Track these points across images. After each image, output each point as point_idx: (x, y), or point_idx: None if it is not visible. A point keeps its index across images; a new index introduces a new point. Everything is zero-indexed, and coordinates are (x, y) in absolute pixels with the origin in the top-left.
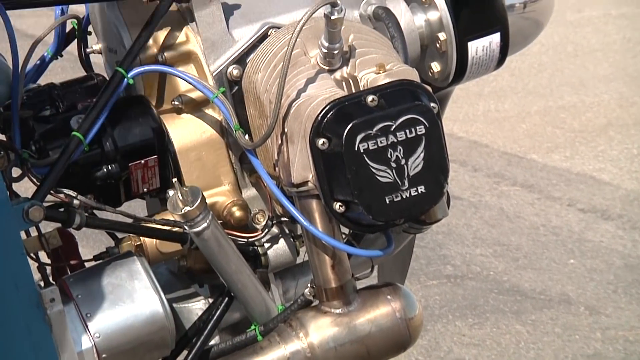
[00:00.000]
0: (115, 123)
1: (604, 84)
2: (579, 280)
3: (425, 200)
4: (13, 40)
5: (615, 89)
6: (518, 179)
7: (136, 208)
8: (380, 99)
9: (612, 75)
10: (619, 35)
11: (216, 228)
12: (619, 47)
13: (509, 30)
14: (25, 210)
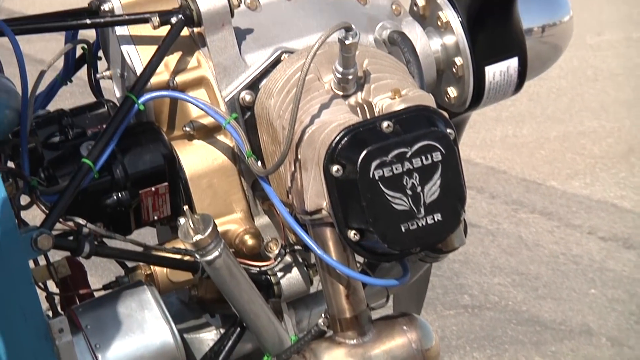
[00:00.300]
0: (125, 150)
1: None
2: (601, 311)
3: (441, 229)
4: (22, 65)
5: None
6: (537, 206)
7: (146, 236)
8: (396, 125)
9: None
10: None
11: (228, 257)
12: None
13: (527, 54)
14: (33, 238)
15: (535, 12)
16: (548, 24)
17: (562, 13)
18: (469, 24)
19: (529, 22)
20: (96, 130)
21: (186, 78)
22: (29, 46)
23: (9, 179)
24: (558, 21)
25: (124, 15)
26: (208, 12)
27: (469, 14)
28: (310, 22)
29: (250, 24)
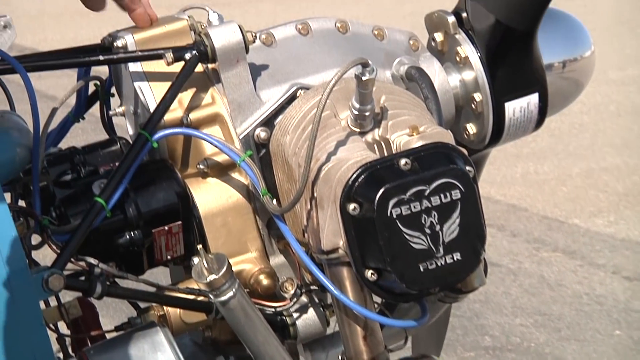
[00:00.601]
0: (138, 188)
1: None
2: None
3: (461, 268)
4: (34, 102)
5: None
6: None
7: (159, 276)
8: (414, 162)
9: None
10: None
11: (243, 297)
12: None
13: (548, 90)
14: (44, 279)
15: (555, 47)
16: (569, 59)
17: (584, 48)
18: (488, 60)
19: (549, 58)
20: (109, 168)
21: (200, 115)
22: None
23: (20, 217)
24: (579, 56)
25: (137, 51)
26: (223, 48)
27: (488, 49)
28: (326, 57)
29: (266, 59)
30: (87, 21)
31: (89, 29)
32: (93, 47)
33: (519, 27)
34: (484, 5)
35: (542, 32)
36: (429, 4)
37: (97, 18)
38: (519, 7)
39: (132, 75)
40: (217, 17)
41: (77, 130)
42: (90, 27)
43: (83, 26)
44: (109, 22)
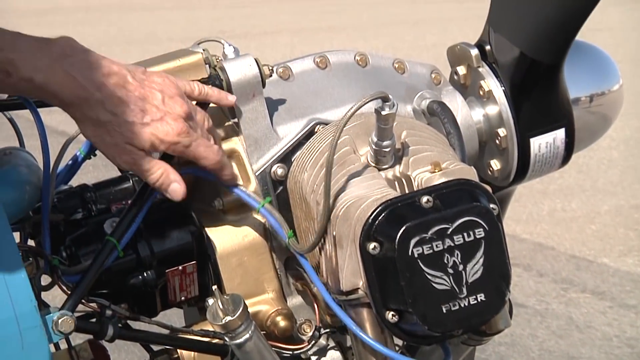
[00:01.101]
0: (151, 227)
1: None
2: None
3: (485, 310)
4: (44, 138)
5: None
6: (588, 285)
7: (172, 318)
8: (436, 199)
9: None
10: None
11: (259, 339)
12: None
13: (575, 125)
14: (54, 321)
15: (582, 80)
16: (596, 93)
17: (611, 81)
18: (513, 94)
19: (576, 92)
20: (121, 206)
21: None
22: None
23: (29, 257)
24: (607, 90)
25: None
26: (238, 82)
27: (512, 82)
28: (345, 91)
29: (283, 94)
30: None
31: None
32: None
33: (544, 60)
34: (508, 38)
35: (568, 65)
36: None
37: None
38: (545, 40)
39: None
40: (233, 50)
41: (87, 166)
42: None
43: None
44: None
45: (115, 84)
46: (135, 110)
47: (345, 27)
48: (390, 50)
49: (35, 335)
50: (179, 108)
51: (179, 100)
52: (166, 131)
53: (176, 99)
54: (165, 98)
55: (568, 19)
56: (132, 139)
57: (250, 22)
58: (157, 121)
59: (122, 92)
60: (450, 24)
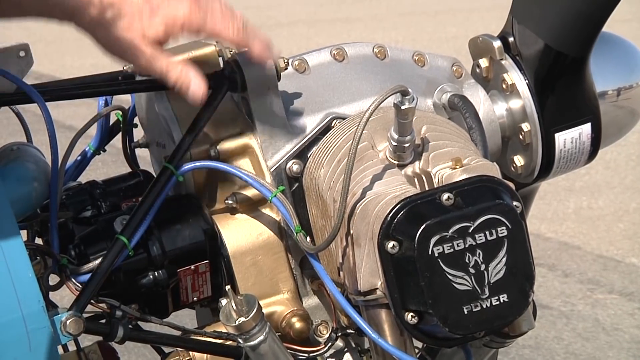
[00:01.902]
0: (163, 225)
1: None
2: None
3: (508, 311)
4: (52, 134)
5: None
6: (615, 286)
7: (184, 318)
8: (457, 197)
9: None
10: None
11: (274, 341)
12: None
13: (601, 120)
14: (63, 322)
15: (609, 73)
16: (624, 86)
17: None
18: (537, 87)
19: (602, 85)
20: (131, 203)
21: (229, 147)
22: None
23: (37, 257)
24: (635, 83)
25: None
26: (253, 75)
27: (536, 76)
28: (363, 85)
29: (298, 87)
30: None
31: None
32: (115, 75)
33: (570, 53)
34: (533, 30)
35: (594, 57)
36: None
37: None
38: (571, 32)
39: (157, 105)
40: None
41: (97, 163)
42: None
43: None
44: None
45: None
46: (139, 1)
47: (362, 18)
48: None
49: (43, 336)
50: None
51: None
52: (176, 10)
53: None
54: None
55: (595, 9)
56: (146, 29)
57: (265, 13)
58: (164, 3)
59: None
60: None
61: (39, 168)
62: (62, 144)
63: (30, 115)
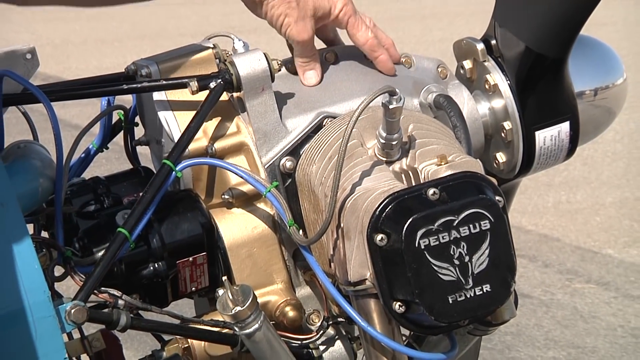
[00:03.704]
0: (162, 219)
1: None
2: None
3: (491, 300)
4: (57, 132)
5: None
6: (593, 276)
7: (183, 308)
8: (442, 192)
9: None
10: None
11: (268, 329)
12: None
13: (579, 118)
14: (67, 311)
15: (586, 74)
16: (600, 86)
17: (615, 75)
18: (518, 87)
19: (580, 85)
20: (132, 198)
21: (225, 144)
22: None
23: (43, 249)
24: (611, 84)
25: (161, 80)
26: (248, 76)
27: (517, 76)
28: (353, 85)
29: (292, 88)
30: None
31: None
32: (117, 76)
33: (549, 55)
34: (514, 33)
35: (573, 59)
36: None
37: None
38: (550, 34)
39: (156, 104)
40: (243, 45)
41: (101, 160)
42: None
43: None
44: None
45: None
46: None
47: None
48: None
49: (49, 324)
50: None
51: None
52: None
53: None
54: None
55: (573, 13)
56: (317, 7)
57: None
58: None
59: None
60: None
61: (45, 165)
62: (67, 142)
63: (37, 115)
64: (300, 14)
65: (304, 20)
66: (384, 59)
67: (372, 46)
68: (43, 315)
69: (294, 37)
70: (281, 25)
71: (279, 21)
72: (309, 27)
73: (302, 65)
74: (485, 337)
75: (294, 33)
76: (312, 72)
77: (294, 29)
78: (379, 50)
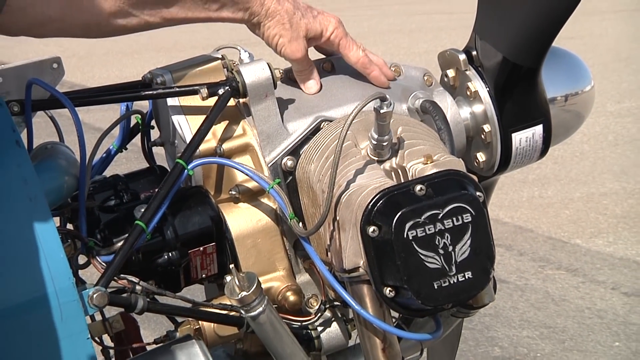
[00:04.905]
0: (175, 212)
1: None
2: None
3: (472, 286)
4: (81, 134)
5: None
6: (563, 263)
7: (195, 292)
8: (428, 188)
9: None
10: None
11: (271, 312)
12: None
13: (551, 122)
14: (90, 296)
15: (558, 82)
16: (570, 93)
17: (584, 83)
18: (496, 94)
19: (552, 92)
20: (149, 194)
21: (232, 145)
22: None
23: (68, 240)
24: (580, 90)
25: (174, 87)
26: (253, 84)
27: (496, 84)
28: (348, 92)
29: (292, 94)
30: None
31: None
32: (135, 84)
33: (524, 64)
34: (493, 44)
35: (545, 68)
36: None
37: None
38: (525, 46)
39: (170, 109)
40: (248, 56)
41: (121, 159)
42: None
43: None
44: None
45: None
46: (305, 8)
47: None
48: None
49: (73, 308)
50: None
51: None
52: (328, 21)
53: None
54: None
55: (545, 27)
56: (309, 29)
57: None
58: (320, 14)
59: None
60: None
61: (70, 164)
62: (90, 143)
63: (64, 119)
64: (293, 35)
65: (297, 40)
66: (376, 74)
67: (364, 64)
68: (68, 299)
69: (288, 55)
70: (276, 44)
71: (274, 41)
72: (302, 46)
73: (301, 78)
74: (466, 319)
75: (289, 52)
76: (312, 82)
77: (288, 48)
78: (371, 67)
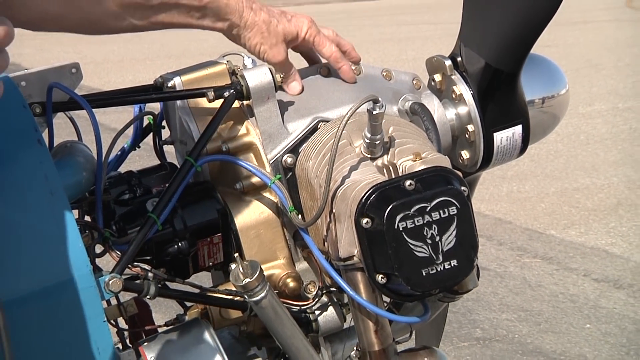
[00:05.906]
0: (185, 205)
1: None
2: (595, 343)
3: (457, 273)
4: (98, 134)
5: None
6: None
7: (203, 279)
8: (417, 183)
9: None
10: (626, 126)
11: (273, 297)
12: (626, 136)
13: (530, 122)
14: (106, 282)
15: (536, 86)
16: (547, 96)
17: (560, 87)
18: (479, 96)
19: (531, 95)
20: (160, 188)
21: (237, 144)
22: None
23: (86, 231)
24: (556, 94)
25: (184, 90)
26: (255, 87)
27: (479, 87)
28: (343, 95)
29: (291, 97)
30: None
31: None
32: (147, 87)
33: (505, 69)
34: (476, 51)
35: (524, 73)
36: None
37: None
38: (506, 53)
39: (180, 111)
40: (251, 62)
41: (135, 157)
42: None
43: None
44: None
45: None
46: (279, 13)
47: None
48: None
49: (91, 293)
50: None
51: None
52: (302, 22)
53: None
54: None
55: (524, 36)
56: (286, 33)
57: None
58: (294, 17)
59: (266, 7)
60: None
61: (87, 161)
62: (106, 142)
63: (82, 120)
64: (272, 41)
65: (277, 45)
66: (346, 69)
67: (336, 58)
68: (86, 285)
69: (270, 59)
70: (259, 51)
71: (256, 49)
72: (282, 50)
73: (284, 80)
74: (451, 303)
75: (270, 56)
76: (295, 83)
77: (270, 53)
78: (342, 62)
